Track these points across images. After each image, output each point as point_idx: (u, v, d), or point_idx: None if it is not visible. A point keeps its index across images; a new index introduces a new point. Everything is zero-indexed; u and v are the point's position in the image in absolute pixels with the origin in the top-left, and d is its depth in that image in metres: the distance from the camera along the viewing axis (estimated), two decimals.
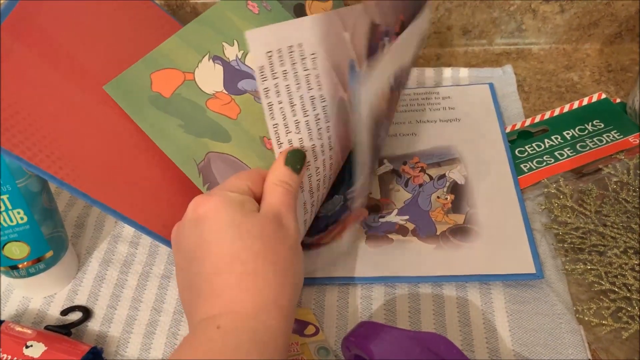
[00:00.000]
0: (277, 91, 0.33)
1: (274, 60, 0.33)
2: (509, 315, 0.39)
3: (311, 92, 0.35)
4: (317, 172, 0.38)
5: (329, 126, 0.37)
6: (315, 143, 0.36)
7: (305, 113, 0.35)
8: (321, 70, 0.35)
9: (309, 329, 0.38)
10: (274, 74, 0.33)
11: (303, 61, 0.34)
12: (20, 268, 0.40)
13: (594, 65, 0.57)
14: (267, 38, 0.32)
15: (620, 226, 0.41)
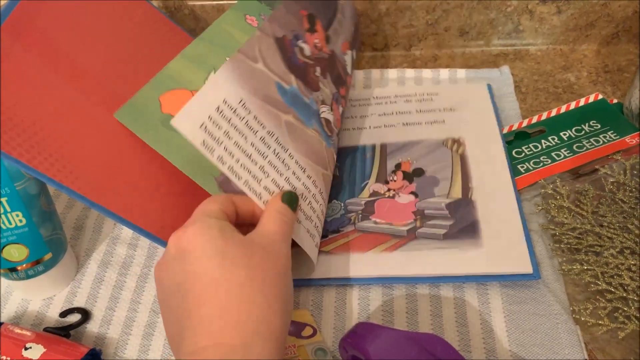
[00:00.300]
0: (229, 153, 0.34)
1: (211, 129, 0.33)
2: (506, 315, 0.39)
3: (258, 135, 0.36)
4: (304, 197, 0.38)
5: (290, 153, 0.38)
6: (286, 175, 0.37)
7: (264, 155, 0.36)
8: (256, 111, 0.36)
9: (306, 330, 0.38)
10: (218, 141, 0.34)
11: (235, 113, 0.35)
12: (19, 270, 0.40)
13: (591, 66, 0.58)
14: (192, 116, 0.33)
15: (617, 226, 0.41)
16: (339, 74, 0.46)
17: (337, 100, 0.44)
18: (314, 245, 0.39)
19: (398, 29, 0.59)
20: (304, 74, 0.41)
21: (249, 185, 0.34)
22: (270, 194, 0.35)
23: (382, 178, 0.48)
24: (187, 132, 0.33)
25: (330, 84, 0.44)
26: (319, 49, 0.43)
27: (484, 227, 0.43)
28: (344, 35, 0.48)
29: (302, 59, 0.41)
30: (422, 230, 0.44)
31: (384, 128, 0.52)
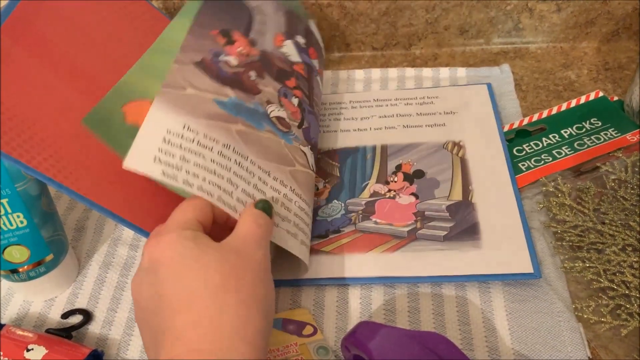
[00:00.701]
0: (193, 175, 0.34)
1: (165, 159, 0.34)
2: (508, 313, 0.39)
3: (215, 150, 0.36)
4: (275, 200, 0.38)
5: (251, 160, 0.38)
6: (253, 182, 0.37)
7: (227, 168, 0.36)
8: (203, 129, 0.36)
9: (307, 329, 0.38)
10: (177, 167, 0.34)
11: (183, 138, 0.35)
12: (20, 272, 0.40)
13: (591, 64, 0.58)
14: (142, 153, 0.33)
15: (619, 224, 0.41)
16: (279, 68, 0.46)
17: (287, 94, 0.44)
18: (298, 244, 0.38)
19: (398, 28, 0.59)
20: (238, 83, 0.41)
21: (222, 201, 0.35)
22: (243, 204, 0.36)
23: (382, 179, 0.48)
24: (143, 169, 0.33)
25: (272, 81, 0.44)
26: (246, 54, 0.44)
27: (484, 229, 0.43)
28: (274, 31, 0.48)
29: (230, 70, 0.42)
30: (423, 232, 0.44)
31: (384, 130, 0.52)
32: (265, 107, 0.42)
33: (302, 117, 0.45)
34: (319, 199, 0.47)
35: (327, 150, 0.51)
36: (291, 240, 0.38)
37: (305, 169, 0.43)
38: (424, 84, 0.57)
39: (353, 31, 0.60)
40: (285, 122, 0.43)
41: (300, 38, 0.50)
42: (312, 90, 0.48)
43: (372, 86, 0.57)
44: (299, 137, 0.43)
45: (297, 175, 0.41)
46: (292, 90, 0.45)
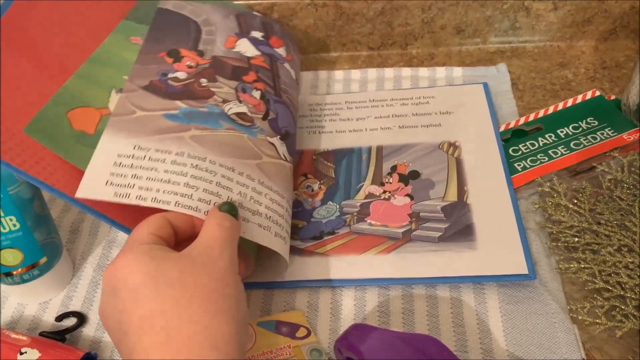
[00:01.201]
0: (146, 189, 0.35)
1: (117, 181, 0.35)
2: (502, 315, 0.39)
3: (168, 160, 0.36)
4: (244, 195, 0.38)
5: (210, 160, 0.38)
6: (215, 180, 0.37)
7: (183, 173, 0.36)
8: (154, 145, 0.37)
9: (300, 332, 0.38)
10: (129, 186, 0.35)
11: (134, 157, 0.36)
12: (14, 275, 0.40)
13: (588, 63, 0.57)
14: (93, 182, 0.34)
15: (615, 224, 0.41)
16: (234, 67, 0.46)
17: (246, 89, 0.44)
18: (272, 236, 0.38)
19: (394, 27, 0.59)
20: (188, 93, 0.42)
21: (180, 205, 0.35)
22: (208, 203, 0.36)
23: (377, 180, 0.48)
24: (95, 195, 0.34)
25: (227, 81, 0.44)
26: (195, 66, 0.44)
27: (479, 230, 0.43)
28: (224, 35, 0.48)
29: (179, 84, 0.42)
30: (418, 233, 0.43)
31: (380, 131, 0.52)
32: (222, 107, 0.42)
33: (266, 109, 0.45)
34: (313, 200, 0.47)
35: (323, 151, 0.51)
36: (263, 234, 0.37)
37: (275, 159, 0.42)
38: (420, 83, 0.57)
39: (349, 31, 0.60)
40: (247, 117, 0.43)
41: (257, 32, 0.50)
42: (277, 79, 0.48)
43: (368, 86, 0.57)
44: (264, 129, 0.43)
45: (266, 167, 0.41)
46: (251, 84, 0.45)
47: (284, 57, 0.51)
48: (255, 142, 0.42)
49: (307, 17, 0.58)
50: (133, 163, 0.36)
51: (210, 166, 0.37)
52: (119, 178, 0.35)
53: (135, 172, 0.35)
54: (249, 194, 0.38)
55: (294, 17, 0.58)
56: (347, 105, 0.55)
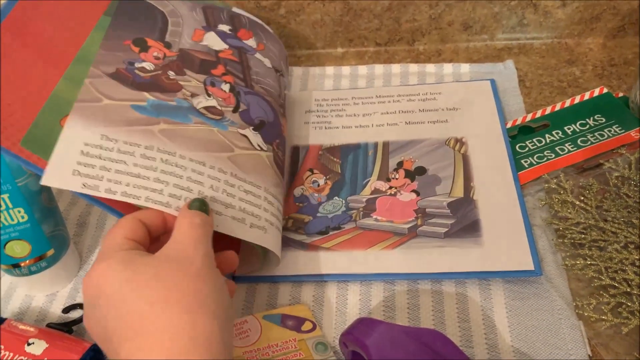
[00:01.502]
0: (115, 182, 0.34)
1: (85, 171, 0.34)
2: (508, 311, 0.39)
3: (137, 153, 0.36)
4: (216, 188, 0.38)
5: (180, 155, 0.38)
6: (186, 175, 0.37)
7: (153, 168, 0.36)
8: (123, 137, 0.36)
9: (306, 325, 0.38)
10: (98, 177, 0.34)
11: (102, 148, 0.35)
12: (22, 266, 0.41)
13: (596, 60, 0.57)
14: (60, 169, 0.33)
15: (621, 221, 0.41)
16: (202, 60, 0.46)
17: (215, 83, 0.44)
18: (247, 228, 0.38)
19: (401, 23, 0.59)
20: (156, 85, 0.41)
21: (151, 200, 0.35)
22: (179, 198, 0.36)
23: (383, 176, 0.48)
24: (62, 184, 0.33)
25: (195, 75, 0.44)
26: (162, 57, 0.44)
27: (485, 226, 0.43)
28: (192, 28, 0.48)
29: (147, 75, 0.42)
30: (423, 229, 0.43)
31: (386, 126, 0.52)
32: (190, 101, 0.42)
33: (236, 101, 0.44)
34: (320, 195, 0.47)
35: (329, 147, 0.51)
36: (238, 226, 0.37)
37: (249, 151, 0.42)
38: (427, 79, 0.57)
39: (356, 27, 0.60)
40: (216, 110, 0.43)
41: (224, 26, 0.50)
42: (248, 71, 0.48)
43: (375, 82, 0.57)
44: (235, 121, 0.43)
45: (238, 159, 0.41)
46: (220, 77, 0.45)
47: (255, 48, 0.50)
48: (226, 135, 0.41)
49: (315, 12, 0.58)
50: (101, 154, 0.35)
51: (180, 161, 0.37)
52: (86, 168, 0.34)
53: (103, 164, 0.35)
54: (221, 187, 0.38)
55: (302, 13, 0.58)
56: (354, 100, 0.55)
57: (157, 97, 0.41)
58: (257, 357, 0.36)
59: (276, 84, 0.50)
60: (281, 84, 0.51)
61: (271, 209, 0.41)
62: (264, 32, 0.53)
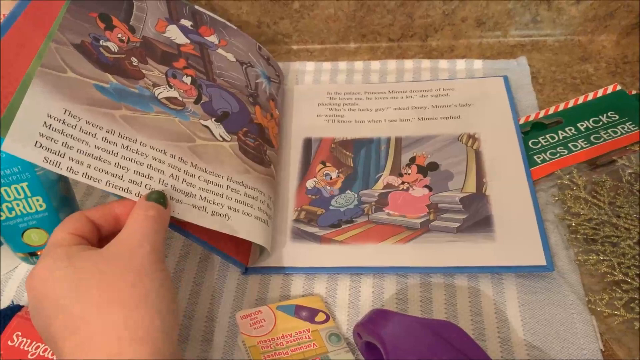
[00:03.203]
0: (77, 162, 0.34)
1: (47, 145, 0.33)
2: (520, 305, 0.39)
3: (99, 136, 0.36)
4: (176, 177, 0.38)
5: (141, 142, 0.37)
6: (147, 162, 0.37)
7: (114, 153, 0.36)
8: (85, 116, 0.36)
9: (319, 316, 0.38)
10: (59, 154, 0.33)
11: (65, 124, 0.35)
12: (38, 255, 0.41)
13: (609, 57, 0.57)
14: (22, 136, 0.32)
15: (634, 217, 0.41)
16: (164, 52, 0.46)
17: (176, 75, 0.44)
18: (209, 216, 0.38)
19: (414, 19, 0.59)
20: (120, 69, 0.41)
21: (112, 185, 0.35)
22: (139, 185, 0.35)
23: (396, 171, 0.48)
24: (23, 153, 0.32)
25: (157, 65, 0.44)
26: (126, 41, 0.44)
27: (497, 221, 0.43)
28: (155, 17, 0.48)
29: (111, 56, 0.42)
30: (436, 224, 0.44)
31: (399, 122, 0.52)
32: (152, 90, 0.42)
33: (198, 93, 0.45)
34: (332, 188, 0.47)
35: (342, 140, 0.51)
36: (199, 214, 0.38)
37: (210, 141, 0.42)
38: (440, 75, 0.57)
39: (369, 22, 0.60)
40: (178, 101, 0.43)
41: (186, 21, 0.50)
42: (209, 65, 0.48)
43: (387, 77, 0.57)
44: (197, 112, 0.43)
45: (199, 149, 0.41)
46: (181, 70, 0.45)
47: (216, 44, 0.51)
48: (188, 125, 0.42)
49: (328, 7, 0.58)
50: (64, 129, 0.34)
51: (141, 148, 0.37)
52: (49, 142, 0.33)
53: (66, 140, 0.34)
54: (181, 176, 0.38)
55: (315, 7, 0.59)
56: (367, 95, 0.55)
57: (120, 82, 0.40)
58: (271, 346, 0.37)
59: (242, 76, 0.50)
60: (249, 74, 0.51)
61: (235, 196, 0.41)
62: (225, 29, 0.53)
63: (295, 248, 0.44)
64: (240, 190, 0.41)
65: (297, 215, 0.46)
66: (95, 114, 0.37)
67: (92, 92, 0.38)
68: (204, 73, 0.47)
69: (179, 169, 0.38)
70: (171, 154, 0.39)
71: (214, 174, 0.41)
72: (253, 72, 0.52)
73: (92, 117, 0.36)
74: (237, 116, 0.46)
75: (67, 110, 0.35)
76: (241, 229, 0.40)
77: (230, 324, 0.40)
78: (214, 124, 0.44)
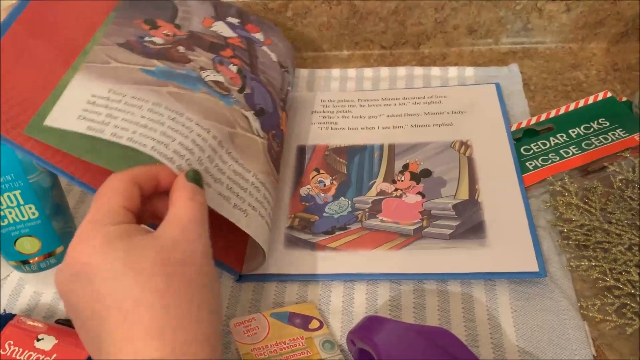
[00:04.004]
0: (122, 129, 0.33)
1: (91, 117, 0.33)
2: (513, 311, 0.39)
3: (145, 107, 0.35)
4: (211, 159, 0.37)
5: (188, 117, 0.37)
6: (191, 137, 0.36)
7: (161, 122, 0.35)
8: (131, 92, 0.36)
9: (313, 323, 0.39)
10: (104, 123, 0.33)
11: (109, 100, 0.34)
12: (31, 263, 0.41)
13: (600, 64, 0.58)
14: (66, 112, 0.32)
15: (625, 223, 0.41)
16: (211, 42, 0.46)
17: (223, 62, 0.44)
18: (231, 207, 0.37)
19: (407, 27, 0.60)
20: (166, 56, 0.41)
21: (156, 151, 0.33)
22: (182, 157, 0.34)
23: (389, 178, 0.48)
24: (67, 124, 0.32)
25: (204, 52, 0.44)
26: (172, 35, 0.44)
27: (490, 228, 0.43)
28: (200, 16, 0.49)
29: (156, 47, 0.42)
30: (429, 230, 0.44)
31: (392, 129, 0.52)
32: (199, 72, 0.42)
33: (243, 83, 0.44)
34: (326, 195, 0.48)
35: (335, 147, 0.51)
36: (222, 203, 0.37)
37: (248, 133, 0.42)
38: (432, 83, 0.57)
39: (362, 29, 0.60)
40: (223, 86, 0.43)
41: (233, 19, 0.50)
42: (255, 59, 0.48)
43: (380, 84, 0.58)
44: (240, 101, 0.43)
45: (237, 138, 0.40)
46: (228, 59, 0.45)
47: (262, 41, 0.51)
48: (231, 111, 0.41)
49: (321, 15, 0.59)
50: (108, 104, 0.34)
51: (187, 122, 0.36)
52: (92, 115, 0.33)
53: (110, 112, 0.33)
54: (216, 159, 0.37)
55: (308, 15, 0.59)
56: (360, 102, 0.55)
57: (167, 65, 0.40)
58: (265, 354, 0.36)
59: (279, 78, 0.50)
60: (285, 79, 0.51)
61: (256, 194, 0.40)
62: (272, 29, 0.54)
63: (289, 255, 0.44)
64: (260, 190, 0.41)
65: (291, 222, 0.46)
66: (142, 90, 0.36)
67: (138, 74, 0.38)
68: (249, 65, 0.47)
69: (216, 151, 0.37)
70: (214, 135, 0.37)
71: (243, 167, 0.40)
72: (287, 79, 0.52)
73: (138, 92, 0.36)
74: (270, 116, 0.46)
75: (112, 90, 0.35)
76: (253, 228, 0.39)
77: (223, 331, 0.40)
78: (253, 116, 0.43)
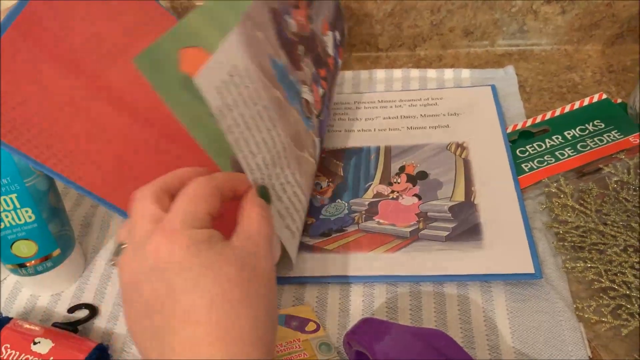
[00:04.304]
0: (236, 123, 0.33)
1: (224, 94, 0.32)
2: (509, 312, 0.39)
3: (256, 108, 0.35)
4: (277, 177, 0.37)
5: (278, 132, 0.36)
6: (271, 154, 0.36)
7: (259, 129, 0.35)
8: (257, 81, 0.35)
9: (309, 326, 0.39)
10: (229, 107, 0.32)
11: (242, 80, 0.33)
12: (28, 266, 0.41)
13: (595, 66, 0.58)
14: (210, 76, 0.31)
15: (621, 225, 0.41)
16: (318, 54, 0.46)
17: (317, 82, 0.44)
18: (283, 227, 0.37)
19: (403, 29, 0.60)
20: (290, 51, 0.41)
21: (246, 160, 0.33)
22: (260, 170, 0.34)
23: (386, 180, 0.48)
24: (207, 94, 0.31)
25: (310, 64, 0.44)
26: (302, 27, 0.43)
27: (486, 230, 0.43)
28: (324, 15, 0.48)
29: (289, 35, 0.41)
30: (425, 232, 0.44)
31: (388, 131, 0.52)
32: (300, 86, 0.41)
33: (321, 108, 0.44)
34: (322, 197, 0.48)
35: (332, 150, 0.51)
36: (278, 222, 0.37)
37: (312, 158, 0.43)
38: (428, 85, 0.57)
39: (358, 32, 0.60)
40: (309, 107, 0.43)
41: (338, 35, 0.50)
42: (332, 88, 0.48)
43: (376, 87, 0.58)
44: (314, 125, 0.43)
45: (303, 161, 0.40)
46: (321, 79, 0.45)
47: (338, 70, 0.51)
48: (307, 134, 0.42)
49: None
50: (240, 86, 0.33)
51: (276, 137, 0.36)
52: (226, 92, 0.32)
53: (236, 98, 0.33)
54: (282, 178, 0.37)
55: None
56: (356, 105, 0.55)
57: (286, 64, 0.39)
58: None
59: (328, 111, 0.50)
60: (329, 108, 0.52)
61: (301, 217, 0.41)
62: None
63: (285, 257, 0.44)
64: (303, 214, 0.41)
65: None
66: (263, 84, 0.35)
67: (267, 61, 0.37)
68: (329, 91, 0.47)
69: (284, 170, 0.37)
70: (287, 155, 0.37)
71: (301, 190, 0.40)
72: None
73: (262, 86, 0.35)
74: (321, 146, 0.46)
75: (249, 69, 0.34)
76: (293, 250, 0.40)
77: None
78: (319, 144, 0.44)
